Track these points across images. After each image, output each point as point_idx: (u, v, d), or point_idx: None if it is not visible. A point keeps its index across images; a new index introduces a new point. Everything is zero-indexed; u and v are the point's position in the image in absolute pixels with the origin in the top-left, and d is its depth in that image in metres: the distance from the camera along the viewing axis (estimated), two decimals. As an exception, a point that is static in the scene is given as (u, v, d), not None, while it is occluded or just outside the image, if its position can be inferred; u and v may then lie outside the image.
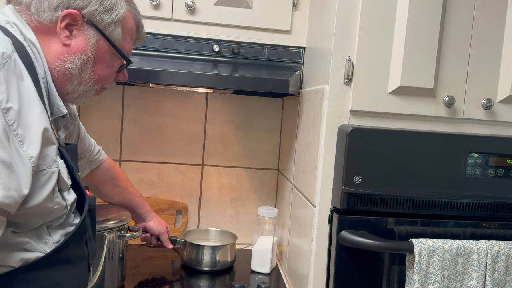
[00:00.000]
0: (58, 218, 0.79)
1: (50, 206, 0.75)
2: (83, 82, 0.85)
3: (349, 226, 1.03)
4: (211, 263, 1.42)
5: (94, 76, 0.86)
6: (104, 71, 0.88)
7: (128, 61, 0.92)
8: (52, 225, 0.79)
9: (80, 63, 0.82)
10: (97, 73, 0.86)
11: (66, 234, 0.81)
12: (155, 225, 1.35)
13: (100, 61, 0.86)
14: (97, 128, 1.63)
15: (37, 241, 0.76)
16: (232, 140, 1.70)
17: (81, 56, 0.82)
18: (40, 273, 0.76)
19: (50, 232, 0.78)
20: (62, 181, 0.77)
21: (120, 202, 1.32)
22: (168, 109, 1.66)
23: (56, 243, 0.79)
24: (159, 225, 1.36)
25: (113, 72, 0.91)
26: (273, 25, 1.35)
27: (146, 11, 1.30)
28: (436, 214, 1.05)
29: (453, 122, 1.08)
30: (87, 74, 0.84)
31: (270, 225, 1.48)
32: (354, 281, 1.04)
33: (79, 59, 0.82)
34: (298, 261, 1.25)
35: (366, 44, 1.03)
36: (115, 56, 0.89)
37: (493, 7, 1.06)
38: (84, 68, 0.83)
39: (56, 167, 0.75)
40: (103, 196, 1.31)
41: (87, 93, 0.87)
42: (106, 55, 0.86)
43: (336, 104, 1.05)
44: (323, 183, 1.07)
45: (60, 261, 0.79)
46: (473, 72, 1.07)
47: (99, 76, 0.87)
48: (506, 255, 1.00)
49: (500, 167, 1.06)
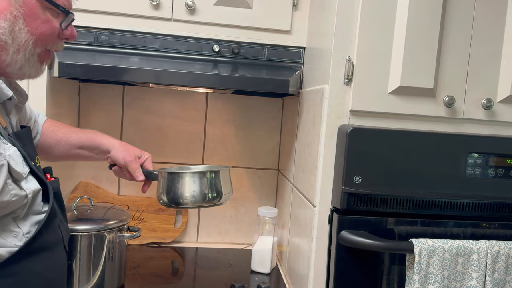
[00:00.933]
0: (21, 208, 0.76)
1: (7, 200, 0.72)
2: (21, 48, 0.77)
3: (349, 226, 1.03)
4: (200, 194, 1.10)
5: (31, 37, 0.78)
6: (40, 28, 0.79)
7: (64, 11, 0.82)
8: (19, 216, 0.76)
9: (8, 25, 0.75)
10: (33, 32, 0.78)
11: (36, 223, 0.78)
12: (120, 153, 1.13)
13: (32, 17, 0.77)
14: (97, 128, 1.62)
15: (3, 235, 0.73)
16: (232, 140, 1.70)
17: (6, 17, 0.74)
18: (17, 267, 0.74)
19: (18, 224, 0.76)
20: (14, 172, 0.74)
21: (73, 153, 1.15)
22: (168, 109, 1.66)
23: (27, 234, 0.76)
24: (125, 153, 1.13)
25: (52, 28, 0.81)
26: (273, 25, 1.35)
27: (146, 11, 1.30)
28: (436, 214, 1.05)
29: (453, 122, 1.08)
30: (22, 36, 0.77)
31: (270, 225, 1.48)
32: (354, 281, 1.04)
33: (5, 21, 0.74)
34: (298, 261, 1.25)
35: (366, 44, 1.03)
36: (51, 10, 0.81)
37: (493, 7, 1.06)
38: (15, 30, 0.75)
39: (3, 159, 0.71)
40: (58, 159, 1.18)
41: (29, 60, 0.79)
42: (37, 10, 0.78)
43: (336, 104, 1.05)
44: (323, 183, 1.07)
45: (35, 251, 0.77)
46: (473, 72, 1.07)
47: (37, 35, 0.78)
48: (506, 255, 1.00)
49: (500, 167, 1.06)
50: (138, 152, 1.16)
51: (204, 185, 1.10)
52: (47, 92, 1.28)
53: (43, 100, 1.26)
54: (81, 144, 1.14)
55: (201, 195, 1.09)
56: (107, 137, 1.17)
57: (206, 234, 1.72)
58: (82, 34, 1.29)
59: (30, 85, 1.26)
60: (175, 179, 1.11)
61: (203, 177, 1.11)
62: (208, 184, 1.11)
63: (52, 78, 1.30)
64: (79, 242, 1.14)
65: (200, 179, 1.10)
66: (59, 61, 1.20)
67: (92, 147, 1.15)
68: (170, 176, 1.11)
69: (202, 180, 1.10)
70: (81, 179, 1.64)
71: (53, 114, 1.35)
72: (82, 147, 1.15)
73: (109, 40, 1.31)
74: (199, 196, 1.09)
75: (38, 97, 1.26)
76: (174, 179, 1.11)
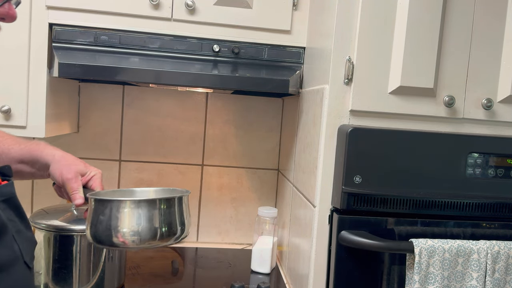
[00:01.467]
0: None
1: None
2: None
3: (349, 226, 1.03)
4: (148, 230, 0.79)
5: None
6: None
7: None
8: None
9: None
10: None
11: None
12: (58, 168, 0.91)
13: None
14: (97, 128, 1.63)
15: None
16: (232, 140, 1.70)
17: None
18: None
19: None
20: None
21: (14, 168, 0.90)
22: (168, 109, 1.66)
23: None
24: (64, 169, 0.91)
25: None
26: (273, 25, 1.35)
27: (146, 11, 1.30)
28: (436, 214, 1.05)
29: (453, 122, 1.08)
30: None
31: (270, 225, 1.48)
32: (354, 281, 1.04)
33: None
34: (298, 261, 1.25)
35: (366, 44, 1.03)
36: None
37: (493, 7, 1.06)
38: None
39: None
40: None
41: None
42: None
43: (336, 104, 1.05)
44: (323, 183, 1.07)
45: None
46: (473, 72, 1.07)
47: None
48: (506, 255, 1.00)
49: (500, 167, 1.06)
50: (82, 168, 0.94)
51: (155, 217, 0.79)
52: (47, 92, 1.28)
53: (42, 100, 1.26)
54: (22, 157, 0.94)
55: (150, 231, 0.78)
56: (50, 148, 0.96)
57: (206, 234, 1.72)
58: (82, 34, 1.29)
59: (30, 85, 1.26)
60: (110, 208, 0.79)
61: (154, 207, 0.79)
62: (160, 215, 0.80)
63: (52, 78, 1.30)
64: (79, 242, 1.14)
65: (148, 209, 0.79)
66: (59, 61, 1.20)
67: (33, 160, 0.94)
68: (101, 204, 0.79)
69: (151, 211, 0.79)
70: (81, 179, 1.63)
71: (53, 114, 1.35)
72: (22, 161, 0.94)
73: (109, 40, 1.31)
74: (147, 232, 0.78)
75: (38, 97, 1.26)
76: (109, 208, 0.78)
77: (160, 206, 0.79)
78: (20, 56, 1.24)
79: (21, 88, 1.25)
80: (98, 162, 1.64)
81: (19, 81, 1.25)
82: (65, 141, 1.61)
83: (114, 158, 1.65)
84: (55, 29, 1.28)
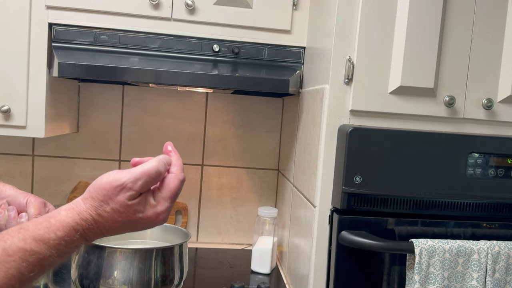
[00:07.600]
0: None
1: None
2: None
3: (349, 226, 1.03)
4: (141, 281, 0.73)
5: None
6: None
7: None
8: None
9: None
10: None
11: None
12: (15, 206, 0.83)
13: None
14: (97, 128, 1.63)
15: None
16: (232, 140, 1.70)
17: None
18: None
19: None
20: None
21: None
22: (168, 109, 1.66)
23: None
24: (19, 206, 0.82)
25: None
26: (273, 24, 1.35)
27: (145, 11, 1.30)
28: (436, 214, 1.05)
29: (453, 122, 1.08)
30: None
31: (270, 225, 1.48)
32: (355, 281, 1.04)
33: None
34: (298, 261, 1.25)
35: (366, 44, 1.03)
36: None
37: (493, 7, 1.06)
38: None
39: None
40: None
41: None
42: None
43: (336, 104, 1.05)
44: (323, 183, 1.07)
45: None
46: (474, 72, 1.07)
47: None
48: (507, 255, 1.00)
49: (500, 167, 1.05)
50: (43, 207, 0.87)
51: (150, 268, 0.72)
52: (47, 92, 1.27)
53: (42, 100, 1.26)
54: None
55: (142, 283, 0.72)
56: (9, 187, 0.87)
57: (206, 234, 1.72)
58: (82, 34, 1.29)
59: (29, 85, 1.26)
60: (101, 253, 0.71)
61: (149, 256, 0.72)
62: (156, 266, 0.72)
63: (52, 78, 1.30)
64: (79, 242, 1.14)
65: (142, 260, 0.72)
66: (58, 61, 1.20)
67: None
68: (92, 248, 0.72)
69: (146, 262, 0.72)
70: (81, 179, 1.63)
71: (52, 114, 1.35)
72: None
73: (108, 40, 1.30)
74: (139, 284, 0.72)
75: (38, 97, 1.26)
76: (100, 254, 0.71)
77: (155, 256, 0.73)
78: (20, 56, 1.24)
79: (21, 88, 1.25)
80: (98, 162, 1.64)
81: (19, 81, 1.25)
82: (65, 141, 1.61)
83: (114, 158, 1.64)
84: (54, 29, 1.28)
